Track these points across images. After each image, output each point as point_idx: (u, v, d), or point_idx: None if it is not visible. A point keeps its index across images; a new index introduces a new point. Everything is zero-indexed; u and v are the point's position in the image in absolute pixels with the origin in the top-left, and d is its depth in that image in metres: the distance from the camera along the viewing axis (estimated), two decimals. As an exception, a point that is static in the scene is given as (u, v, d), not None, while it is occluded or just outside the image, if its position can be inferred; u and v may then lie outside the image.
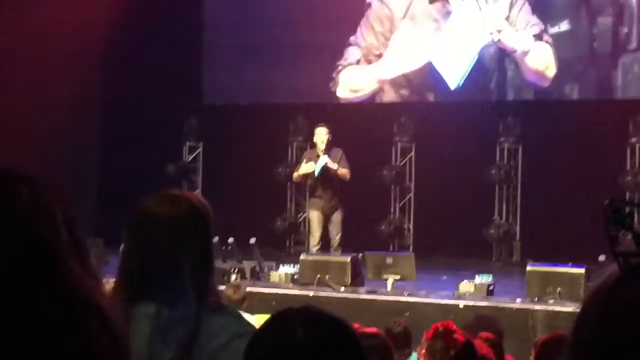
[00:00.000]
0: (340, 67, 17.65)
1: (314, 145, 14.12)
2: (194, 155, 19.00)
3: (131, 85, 18.16)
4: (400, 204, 17.33)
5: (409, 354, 7.09)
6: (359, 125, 16.70)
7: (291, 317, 1.69)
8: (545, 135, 15.96)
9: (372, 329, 6.18)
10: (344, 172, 13.76)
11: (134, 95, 18.11)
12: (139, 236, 2.88)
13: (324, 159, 13.69)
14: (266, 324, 1.74)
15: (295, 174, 14.51)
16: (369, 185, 16.60)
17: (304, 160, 14.25)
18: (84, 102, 18.24)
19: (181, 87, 18.14)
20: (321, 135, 13.77)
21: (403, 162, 17.35)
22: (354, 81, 17.61)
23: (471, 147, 16.18)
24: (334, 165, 13.71)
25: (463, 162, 16.12)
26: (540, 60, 16.31)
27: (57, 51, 16.95)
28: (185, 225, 2.85)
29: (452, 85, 16.71)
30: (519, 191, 16.61)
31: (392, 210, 17.28)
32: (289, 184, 17.79)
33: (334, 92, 17.83)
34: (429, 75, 16.94)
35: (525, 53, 16.30)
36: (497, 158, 16.64)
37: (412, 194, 17.30)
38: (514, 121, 16.47)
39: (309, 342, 1.62)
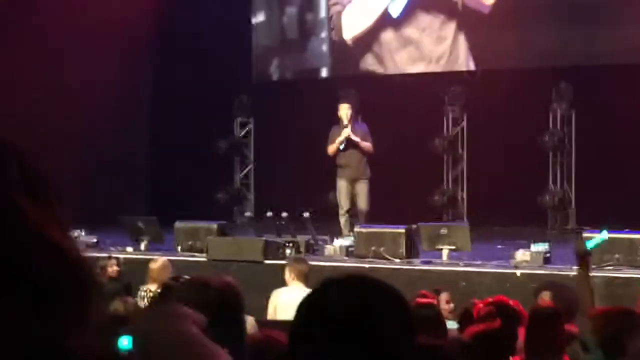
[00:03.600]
0: (339, 7, 17.68)
1: (338, 121, 14.23)
2: (245, 131, 19.03)
3: (181, 65, 18.22)
4: (453, 174, 17.24)
5: None
6: (409, 97, 16.63)
7: (330, 280, 1.71)
8: (599, 100, 15.77)
9: (427, 300, 6.14)
10: (366, 145, 13.96)
11: (184, 75, 18.16)
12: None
13: (347, 131, 13.92)
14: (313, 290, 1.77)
15: (329, 149, 14.57)
16: (421, 156, 16.54)
17: (331, 137, 14.35)
18: (135, 85, 18.34)
19: (230, 64, 18.15)
20: (343, 109, 14.01)
21: (455, 131, 17.25)
22: (358, 18, 17.62)
23: (524, 114, 16.04)
24: (355, 138, 13.91)
25: (516, 129, 15.98)
26: None
27: (108, 35, 17.03)
28: (214, 313, 2.68)
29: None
30: (573, 157, 16.45)
31: (445, 180, 17.20)
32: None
33: (382, 63, 17.77)
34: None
35: None
36: (551, 124, 16.47)
37: (464, 163, 17.20)
38: (567, 87, 16.29)
39: (342, 303, 1.63)
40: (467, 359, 4.20)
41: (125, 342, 2.17)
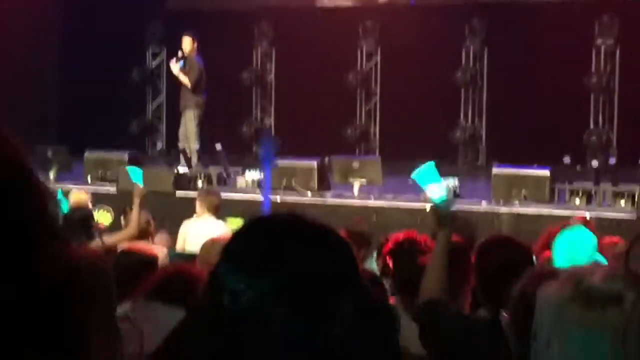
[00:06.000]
0: None
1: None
2: (157, 61, 18.80)
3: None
4: (366, 109, 17.29)
5: (366, 257, 6.99)
6: (324, 30, 16.58)
7: (276, 223, 1.55)
8: (511, 37, 15.89)
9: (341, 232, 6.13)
10: (182, 79, 13.90)
11: (97, 1, 17.85)
12: None
13: (174, 67, 14.01)
14: (248, 227, 1.57)
15: None
16: (334, 90, 16.54)
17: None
18: (44, 7, 17.95)
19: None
20: (186, 42, 14.04)
21: (369, 66, 17.27)
22: None
23: (437, 50, 16.11)
24: (174, 69, 13.97)
25: (429, 65, 16.05)
26: None
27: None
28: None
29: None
30: (484, 94, 16.60)
31: (357, 114, 17.25)
32: (254, 89, 17.69)
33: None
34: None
35: None
36: (463, 61, 16.58)
37: (377, 98, 17.25)
38: (480, 23, 16.38)
39: (300, 250, 1.51)
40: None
41: None
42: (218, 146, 13.44)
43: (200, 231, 9.13)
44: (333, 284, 1.47)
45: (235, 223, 9.77)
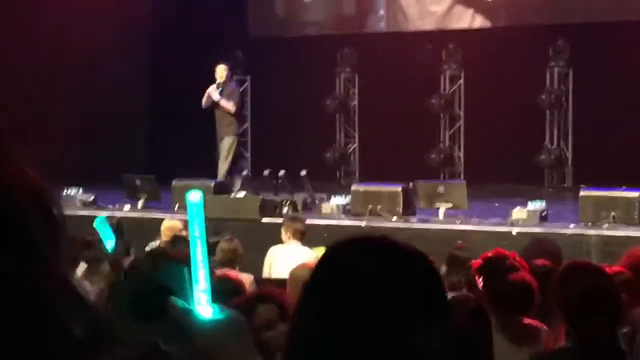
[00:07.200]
0: None
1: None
2: (241, 89, 18.95)
3: (179, 19, 18.13)
4: (450, 132, 17.23)
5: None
6: (407, 54, 16.58)
7: (366, 245, 1.57)
8: (596, 58, 15.73)
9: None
10: (225, 105, 14.50)
11: (181, 31, 18.08)
12: None
13: (214, 95, 14.57)
14: (338, 249, 1.59)
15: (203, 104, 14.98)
16: (418, 114, 16.51)
17: (207, 93, 14.82)
18: (131, 40, 18.23)
19: (227, 20, 18.06)
20: (220, 70, 14.69)
21: (452, 89, 17.21)
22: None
23: (521, 72, 16.00)
24: (217, 97, 14.51)
25: (513, 87, 15.95)
26: None
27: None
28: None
29: None
30: (570, 116, 16.44)
31: (442, 138, 17.19)
32: (337, 115, 17.74)
33: (382, 21, 17.68)
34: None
35: None
36: (547, 82, 16.45)
37: (461, 122, 17.18)
38: (564, 44, 16.24)
39: (386, 271, 1.52)
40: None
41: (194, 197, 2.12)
42: (303, 172, 13.50)
43: (287, 258, 9.18)
44: (415, 309, 1.49)
45: (319, 252, 9.79)
